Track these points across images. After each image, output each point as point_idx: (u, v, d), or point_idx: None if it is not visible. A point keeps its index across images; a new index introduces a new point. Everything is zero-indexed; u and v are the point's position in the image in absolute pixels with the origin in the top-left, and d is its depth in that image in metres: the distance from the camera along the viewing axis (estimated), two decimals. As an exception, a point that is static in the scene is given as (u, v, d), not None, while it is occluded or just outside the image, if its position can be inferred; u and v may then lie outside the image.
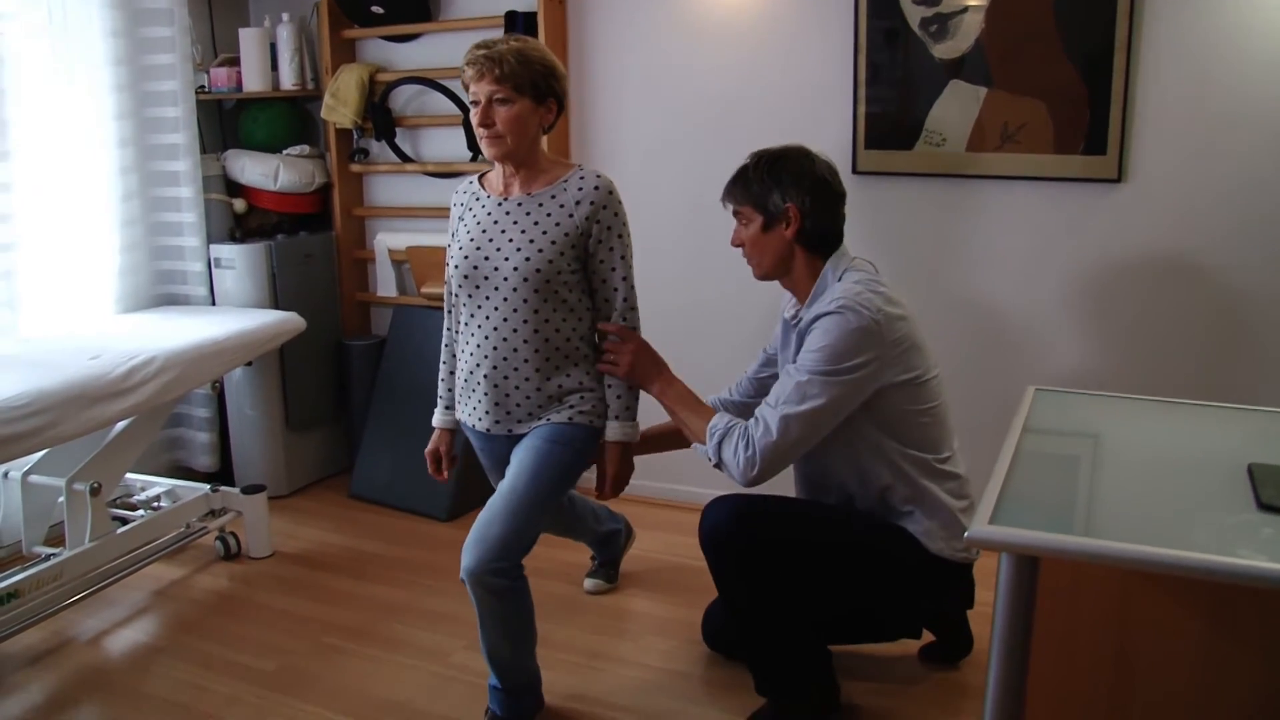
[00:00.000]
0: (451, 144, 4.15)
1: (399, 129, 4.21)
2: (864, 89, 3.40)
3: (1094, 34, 3.08)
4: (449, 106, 4.03)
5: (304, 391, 4.22)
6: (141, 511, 3.46)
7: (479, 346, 2.49)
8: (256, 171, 4.10)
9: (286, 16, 4.13)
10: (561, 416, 2.47)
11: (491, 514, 2.37)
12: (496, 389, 2.48)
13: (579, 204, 2.41)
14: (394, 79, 4.11)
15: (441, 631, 3.09)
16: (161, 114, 3.89)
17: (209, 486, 3.61)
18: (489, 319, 2.46)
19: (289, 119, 4.27)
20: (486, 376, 2.48)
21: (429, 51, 4.11)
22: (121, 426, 3.24)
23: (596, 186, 2.43)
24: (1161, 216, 3.16)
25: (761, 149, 2.47)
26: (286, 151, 4.21)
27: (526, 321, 2.42)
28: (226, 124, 4.33)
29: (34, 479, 3.29)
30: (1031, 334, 3.39)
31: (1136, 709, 1.68)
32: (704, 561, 2.48)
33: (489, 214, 2.48)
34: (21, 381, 2.77)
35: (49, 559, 3.03)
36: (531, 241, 2.40)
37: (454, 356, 2.67)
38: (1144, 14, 3.04)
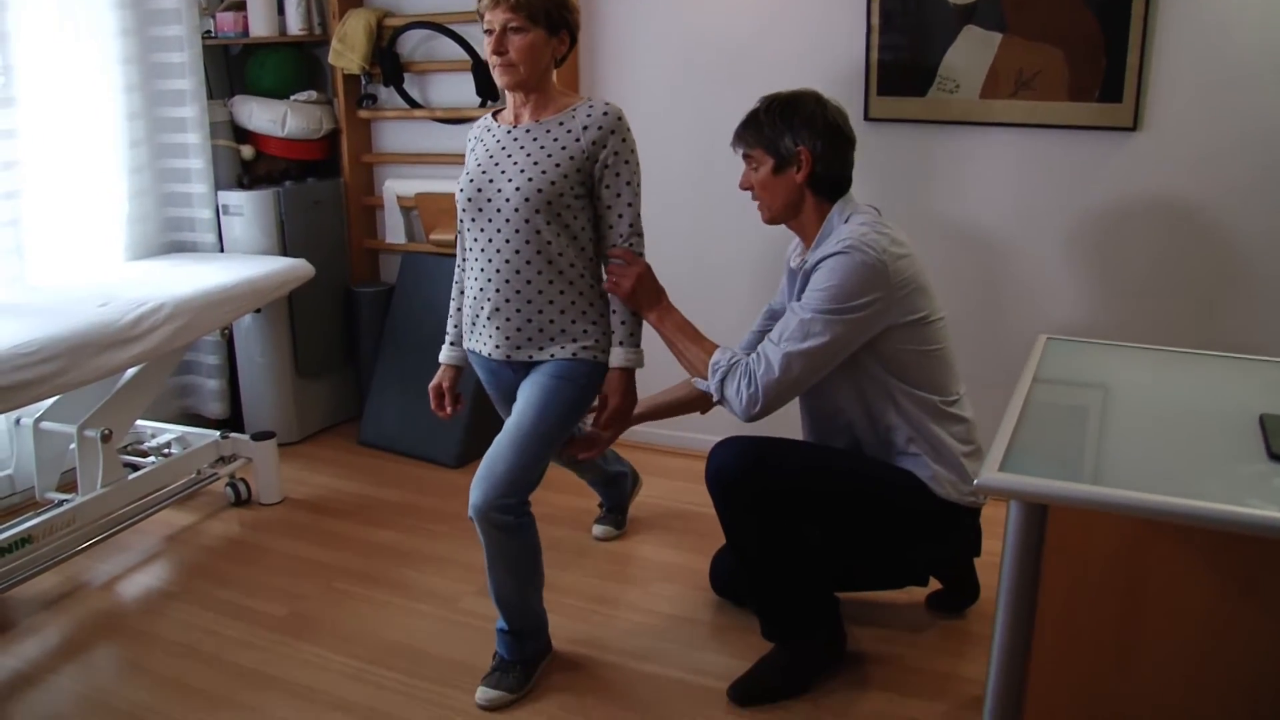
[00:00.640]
0: (460, 89, 4.11)
1: (407, 74, 4.18)
2: (876, 35, 3.35)
3: (1111, -22, 3.03)
4: (458, 51, 3.99)
5: (313, 338, 4.23)
6: (152, 458, 3.48)
7: (483, 271, 2.49)
8: (264, 118, 4.08)
9: (293, -40, 4.09)
10: (566, 352, 2.47)
11: (498, 451, 2.39)
12: (499, 313, 2.48)
13: (586, 129, 2.41)
14: (402, 23, 4.07)
15: (450, 577, 3.11)
16: (167, 59, 3.86)
17: (219, 433, 3.62)
18: (492, 242, 2.46)
19: (296, 64, 4.23)
20: (490, 300, 2.48)
21: (437, -5, 4.07)
22: (131, 373, 3.25)
23: (605, 113, 2.43)
24: (1176, 165, 3.13)
25: (773, 93, 2.45)
26: (294, 97, 4.18)
27: (529, 243, 2.41)
28: (233, 69, 4.29)
29: (45, 426, 3.31)
30: (1043, 283, 3.37)
31: (1144, 658, 1.69)
32: (712, 508, 2.48)
33: (497, 141, 2.49)
34: (31, 329, 2.77)
35: (61, 505, 3.06)
36: (536, 164, 2.40)
37: (463, 293, 2.67)
38: (1163, -42, 3.00)
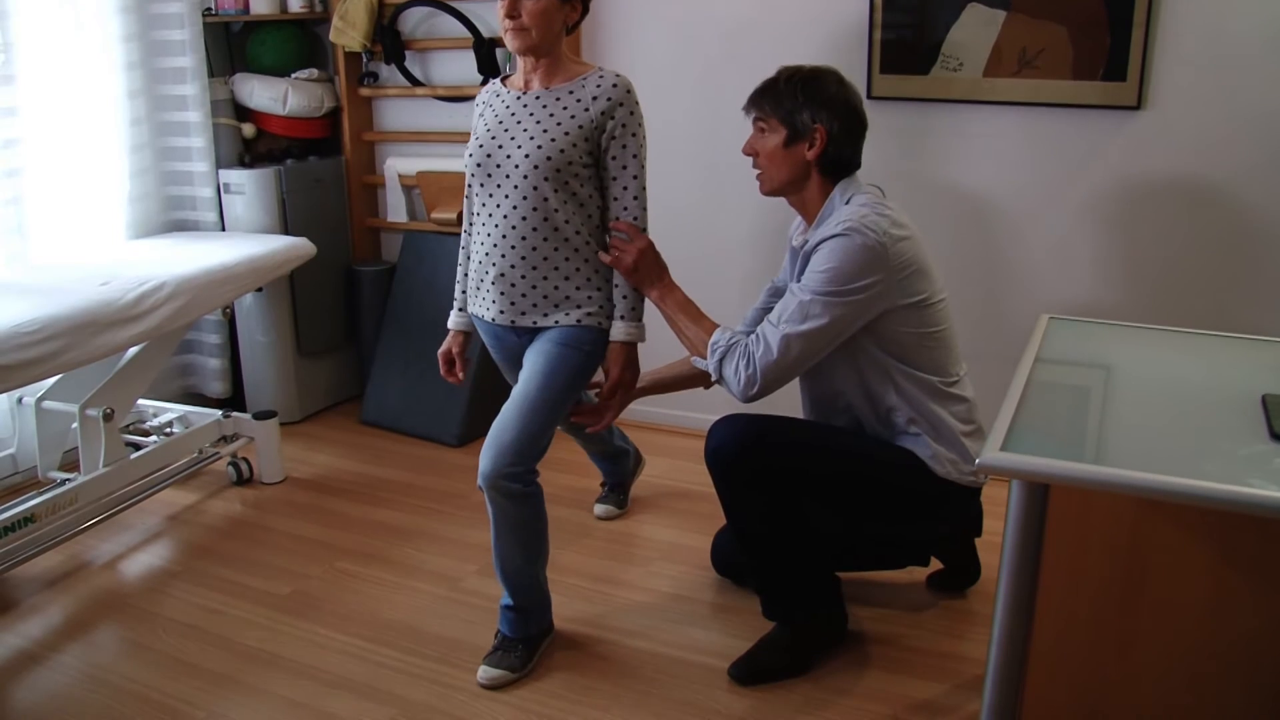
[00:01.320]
0: (462, 67, 4.10)
1: (408, 52, 4.16)
2: (879, 12, 3.33)
3: (1117, -45, 3.01)
4: (459, 29, 3.97)
5: (314, 317, 4.22)
6: (154, 437, 3.48)
7: (489, 236, 2.50)
8: (265, 95, 4.07)
9: (293, -64, 4.07)
10: (570, 319, 2.48)
11: (505, 420, 2.41)
12: (504, 278, 2.48)
13: (595, 99, 2.42)
14: (403, 1, 4.05)
15: (452, 556, 3.11)
16: (168, 36, 3.84)
17: (221, 412, 3.63)
18: (499, 208, 2.47)
19: (297, 42, 4.21)
20: (495, 265, 2.49)
21: (438, -27, 4.05)
22: (133, 352, 3.25)
23: (615, 84, 2.43)
24: (1181, 145, 3.11)
25: (793, 65, 2.42)
26: (295, 75, 4.17)
27: (536, 210, 2.42)
28: (234, 47, 4.27)
29: (47, 405, 3.31)
30: (1046, 262, 3.36)
31: (1145, 637, 1.69)
32: (714, 487, 2.48)
33: (507, 107, 2.50)
34: (32, 308, 2.77)
35: (64, 484, 3.06)
36: (545, 131, 2.41)
37: (469, 259, 2.68)
38: (1169, -66, 2.97)
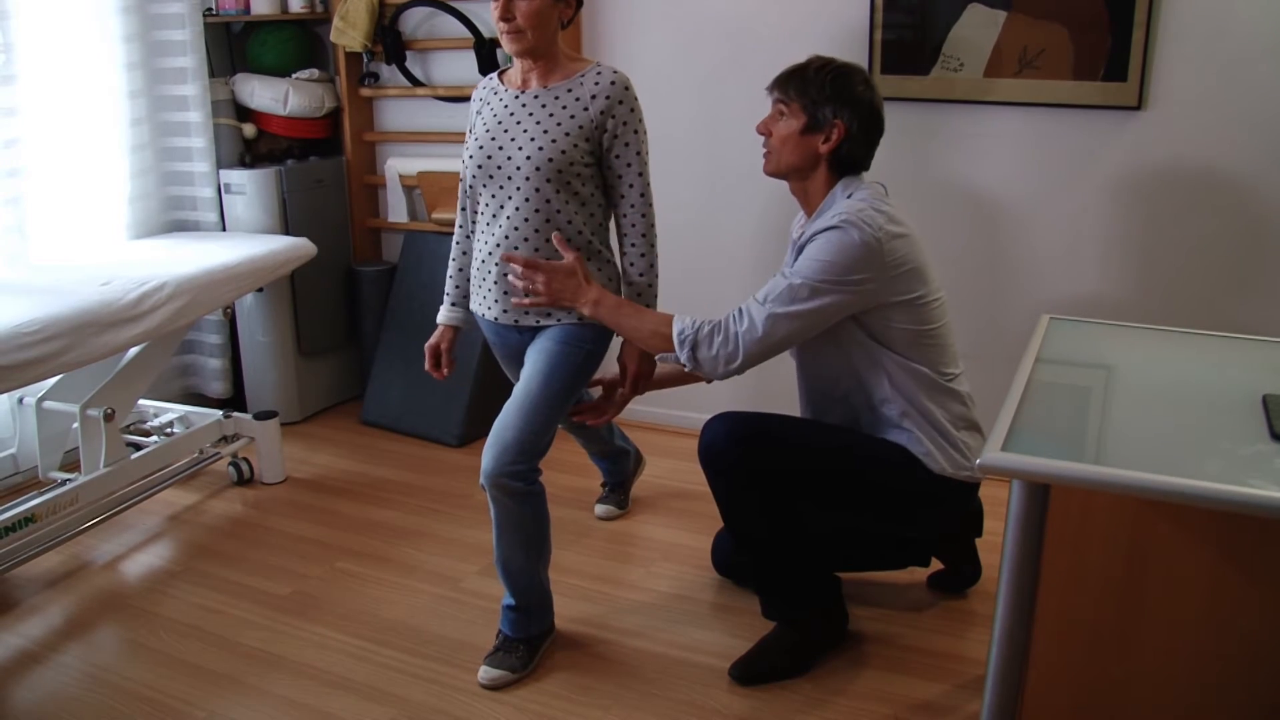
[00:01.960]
0: (462, 67, 4.10)
1: (409, 52, 4.16)
2: (880, 12, 3.33)
3: (1117, -45, 3.01)
4: (460, 29, 3.97)
5: (315, 318, 4.22)
6: (155, 437, 3.48)
7: (492, 236, 2.50)
8: (266, 96, 4.07)
9: (294, -63, 4.07)
10: (572, 316, 2.48)
11: (507, 418, 2.41)
12: (506, 278, 2.49)
13: (595, 98, 2.42)
14: (404, 1, 4.04)
15: (453, 556, 3.11)
16: (169, 36, 3.84)
17: (221, 412, 3.62)
18: (503, 208, 2.47)
19: (298, 42, 4.21)
20: (499, 264, 2.49)
21: (439, -27, 4.04)
22: (134, 353, 3.25)
23: (613, 81, 2.43)
24: (1181, 145, 3.11)
25: (827, 56, 2.42)
26: (296, 75, 4.17)
27: (539, 211, 2.42)
28: (235, 47, 4.28)
29: (48, 405, 3.31)
30: (1047, 262, 3.36)
31: (1145, 637, 1.69)
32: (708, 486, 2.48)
33: (505, 107, 2.49)
34: (33, 308, 2.77)
35: (64, 484, 3.06)
36: (545, 132, 2.41)
37: (464, 254, 2.69)
38: (1169, -65, 2.97)
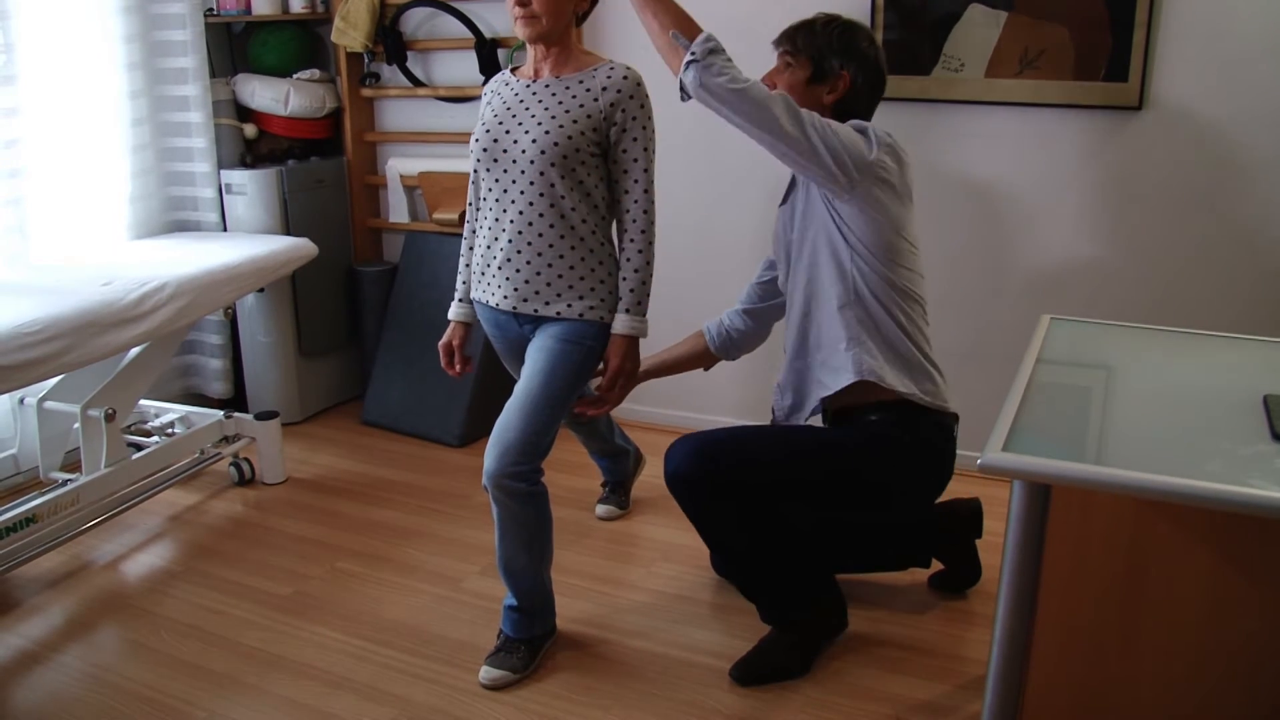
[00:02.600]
0: (463, 68, 4.10)
1: (410, 53, 4.16)
2: (881, 13, 3.33)
3: (1118, -44, 3.01)
4: (461, 29, 3.97)
5: (316, 318, 4.22)
6: (156, 437, 3.48)
7: (497, 222, 2.50)
8: (267, 96, 4.07)
9: (295, -63, 4.07)
10: (573, 311, 2.47)
11: (508, 419, 2.41)
12: (509, 264, 2.48)
13: (605, 90, 2.42)
14: (405, 1, 4.05)
15: (454, 557, 3.12)
16: (169, 37, 3.84)
17: (222, 413, 3.63)
18: (507, 193, 2.47)
19: (299, 43, 4.21)
20: (502, 251, 2.49)
21: (440, -27, 4.04)
22: (135, 353, 3.25)
23: (625, 77, 2.43)
24: (1182, 145, 3.11)
25: (831, 12, 2.48)
26: (297, 76, 4.17)
27: (543, 195, 2.42)
28: (236, 47, 4.28)
29: (49, 405, 3.31)
30: (1047, 262, 3.36)
31: (1146, 638, 1.69)
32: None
33: (515, 94, 2.50)
34: (34, 308, 2.77)
35: (65, 484, 3.06)
36: (553, 118, 2.41)
37: (472, 250, 2.68)
38: (1170, -65, 2.97)
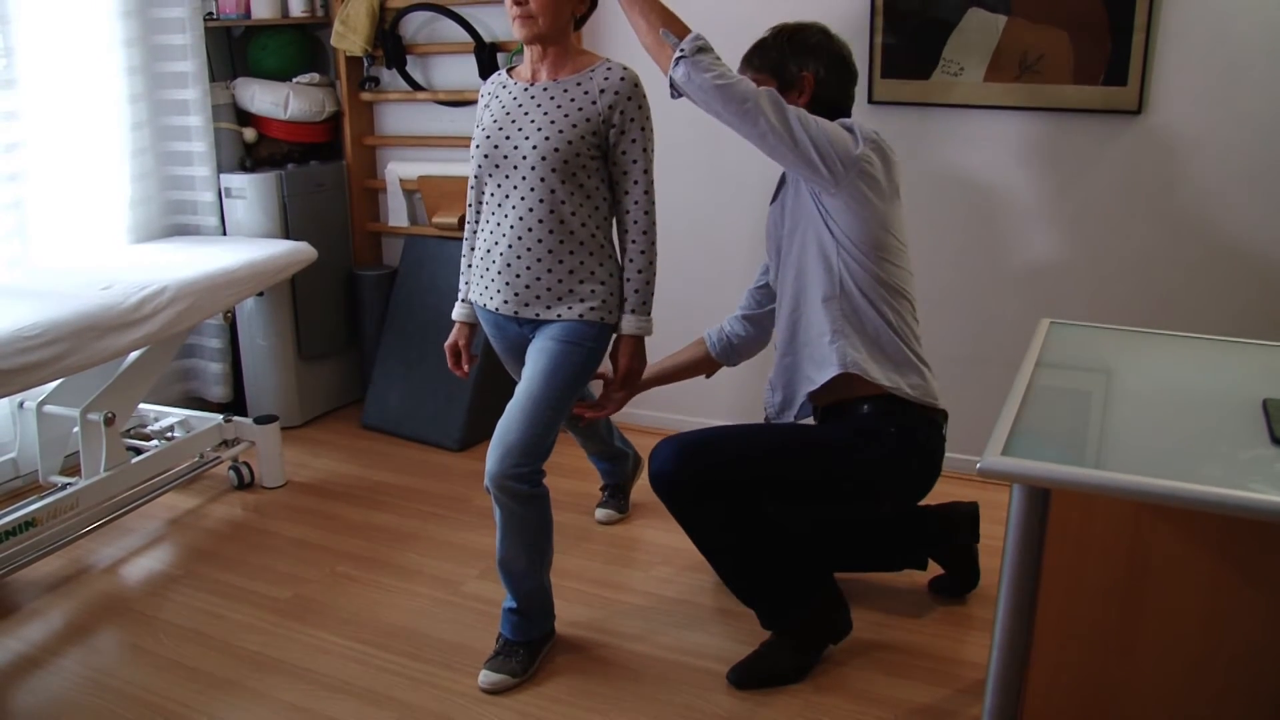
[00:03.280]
0: (463, 72, 4.10)
1: (410, 57, 4.16)
2: (880, 17, 3.33)
3: (1117, -40, 3.01)
4: (460, 33, 3.97)
5: (316, 322, 4.22)
6: (155, 441, 3.48)
7: (498, 225, 2.51)
8: (266, 100, 4.07)
9: (294, -59, 4.07)
10: (573, 313, 2.47)
11: (509, 420, 2.41)
12: (510, 268, 2.49)
13: (604, 92, 2.42)
14: (405, 5, 4.05)
15: (453, 561, 3.11)
16: (169, 41, 3.84)
17: (222, 417, 3.62)
18: (508, 198, 2.47)
19: (298, 46, 4.22)
20: (502, 255, 2.49)
21: (439, -23, 4.05)
22: (134, 357, 3.25)
23: (623, 78, 2.44)
24: (1181, 149, 3.11)
25: (779, 24, 2.53)
26: (296, 80, 4.17)
27: (543, 201, 2.42)
28: (235, 52, 4.28)
29: (49, 409, 3.31)
30: (1047, 266, 3.36)
31: (1145, 642, 1.69)
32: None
33: (514, 98, 2.50)
34: (34, 312, 2.77)
35: (65, 488, 3.06)
36: (553, 123, 2.41)
37: (473, 250, 2.68)
38: (1169, -61, 2.97)
